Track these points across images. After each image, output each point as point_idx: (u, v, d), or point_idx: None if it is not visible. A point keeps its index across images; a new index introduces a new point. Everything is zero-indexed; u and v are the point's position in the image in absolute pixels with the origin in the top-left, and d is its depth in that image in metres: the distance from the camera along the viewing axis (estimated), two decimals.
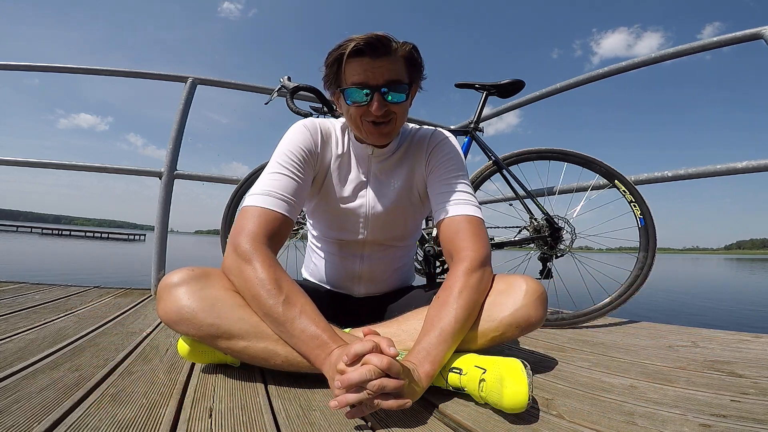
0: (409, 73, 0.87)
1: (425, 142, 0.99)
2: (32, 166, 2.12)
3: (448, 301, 0.75)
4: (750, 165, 1.41)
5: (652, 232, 1.43)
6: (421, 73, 0.90)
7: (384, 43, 0.80)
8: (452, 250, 0.85)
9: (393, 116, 0.87)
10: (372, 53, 0.80)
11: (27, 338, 1.01)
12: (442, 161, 0.96)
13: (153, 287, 1.95)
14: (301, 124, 0.96)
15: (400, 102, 0.85)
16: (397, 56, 0.83)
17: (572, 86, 2.05)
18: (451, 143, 1.00)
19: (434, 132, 1.01)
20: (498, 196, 1.89)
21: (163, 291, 0.75)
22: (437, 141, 0.99)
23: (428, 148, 0.98)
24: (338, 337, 0.70)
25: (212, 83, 2.24)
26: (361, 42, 0.78)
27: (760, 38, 1.47)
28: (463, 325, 0.74)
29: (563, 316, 1.48)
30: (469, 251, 0.82)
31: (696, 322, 5.62)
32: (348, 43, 0.80)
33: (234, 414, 0.63)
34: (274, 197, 0.83)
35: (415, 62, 0.87)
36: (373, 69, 0.81)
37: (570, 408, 0.69)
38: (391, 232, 1.01)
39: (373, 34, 0.79)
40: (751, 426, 0.62)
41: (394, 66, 0.83)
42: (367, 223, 0.98)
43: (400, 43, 0.82)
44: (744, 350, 1.12)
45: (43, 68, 2.27)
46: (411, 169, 0.99)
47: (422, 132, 1.02)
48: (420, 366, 0.67)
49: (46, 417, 0.57)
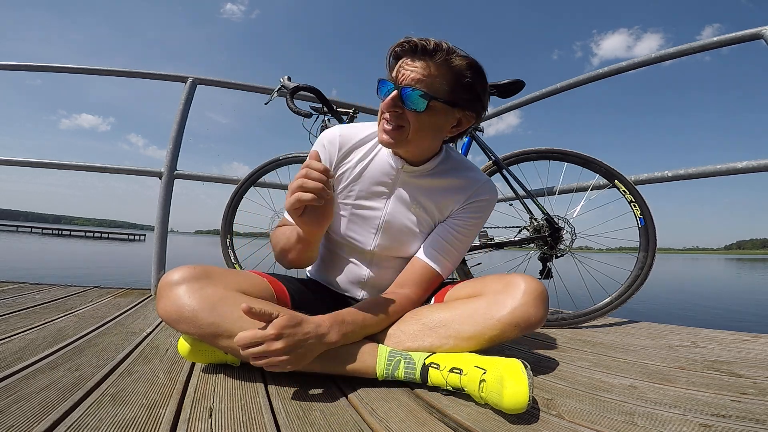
0: (452, 88, 0.81)
1: (473, 188, 0.96)
2: (32, 166, 2.12)
3: (386, 304, 0.87)
4: (750, 165, 1.41)
5: (652, 232, 1.43)
6: (475, 97, 0.84)
7: (426, 45, 0.78)
8: (406, 281, 0.94)
9: (405, 124, 0.83)
10: (412, 53, 0.81)
11: (27, 338, 1.01)
12: (470, 213, 0.96)
13: (153, 287, 1.94)
14: (322, 138, 0.99)
15: (414, 110, 0.81)
16: (437, 63, 0.79)
17: (572, 86, 2.05)
18: (493, 204, 1.00)
19: (487, 183, 0.98)
20: (498, 196, 1.90)
21: (164, 289, 0.75)
22: (485, 195, 0.97)
23: (474, 196, 0.96)
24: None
25: (212, 83, 2.23)
26: (403, 41, 0.80)
27: (760, 38, 1.47)
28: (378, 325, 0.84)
29: (563, 316, 1.48)
30: (416, 293, 0.93)
31: (695, 322, 5.62)
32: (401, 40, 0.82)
33: (234, 414, 0.63)
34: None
35: (462, 80, 0.81)
36: (405, 68, 0.81)
37: (570, 408, 0.69)
38: (401, 247, 0.99)
39: (421, 38, 0.80)
40: (751, 426, 0.62)
41: (426, 71, 0.79)
42: (379, 232, 0.97)
43: (450, 52, 0.79)
44: (744, 350, 1.12)
45: (45, 68, 2.27)
46: (441, 199, 0.96)
47: (475, 174, 0.98)
48: (331, 330, 0.75)
49: (46, 417, 0.57)
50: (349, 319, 0.79)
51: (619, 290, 1.45)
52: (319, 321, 0.75)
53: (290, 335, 0.69)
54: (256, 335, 0.68)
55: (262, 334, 0.68)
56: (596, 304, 1.46)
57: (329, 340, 0.74)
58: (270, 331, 0.68)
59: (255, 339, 0.68)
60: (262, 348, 0.68)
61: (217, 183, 2.14)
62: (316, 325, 0.73)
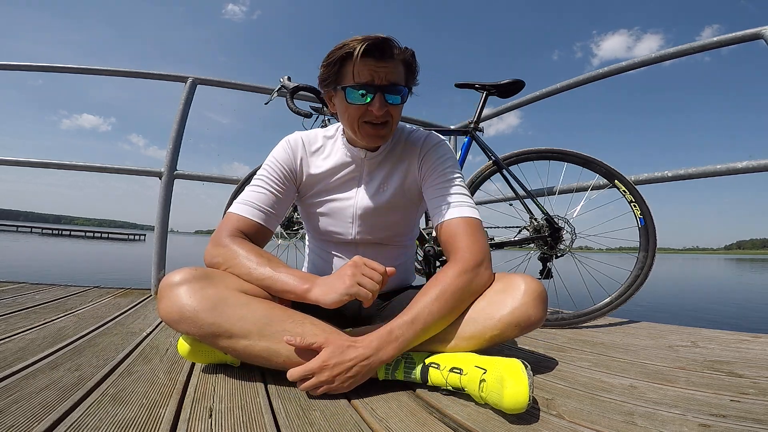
0: (407, 77, 0.89)
1: (419, 145, 0.99)
2: (32, 166, 2.12)
3: (427, 292, 0.78)
4: (750, 165, 1.41)
5: (652, 232, 1.43)
6: (416, 79, 0.92)
7: (390, 45, 0.82)
8: (450, 251, 0.87)
9: (389, 118, 0.88)
10: (378, 55, 0.82)
11: (27, 338, 1.01)
12: (436, 164, 0.96)
13: (153, 287, 1.94)
14: (284, 141, 1.00)
15: (397, 104, 0.87)
16: (398, 60, 0.85)
17: (573, 86, 2.05)
18: (445, 146, 1.00)
19: (428, 135, 1.01)
20: (498, 196, 1.89)
21: (165, 290, 0.75)
22: (431, 144, 0.99)
23: (422, 151, 0.98)
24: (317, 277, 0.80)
25: (212, 83, 2.24)
26: (368, 42, 0.80)
27: (760, 38, 1.47)
28: (439, 319, 0.77)
29: (563, 316, 1.48)
30: (464, 252, 0.84)
31: (696, 322, 5.62)
32: (352, 43, 0.80)
33: (234, 414, 0.63)
34: (252, 207, 0.91)
35: (412, 68, 0.89)
36: (377, 70, 0.83)
37: (570, 408, 0.69)
38: (382, 231, 1.02)
39: (378, 36, 0.80)
40: (751, 426, 0.62)
41: (396, 69, 0.85)
42: (356, 221, 0.99)
43: (402, 48, 0.84)
44: (744, 350, 1.12)
45: (45, 68, 2.28)
46: (403, 170, 0.99)
47: (416, 134, 1.02)
48: (382, 349, 0.73)
49: (46, 417, 0.57)
50: (400, 333, 0.74)
51: (619, 290, 1.45)
52: (368, 342, 0.73)
53: (336, 364, 0.70)
54: (306, 370, 0.70)
55: (309, 368, 0.70)
56: (596, 304, 1.46)
57: (383, 358, 0.73)
58: (315, 365, 0.70)
59: (305, 373, 0.70)
60: (313, 381, 0.70)
61: (217, 183, 2.14)
62: (363, 347, 0.72)
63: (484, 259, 0.84)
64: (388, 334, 0.74)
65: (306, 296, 0.77)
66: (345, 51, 0.82)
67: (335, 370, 0.70)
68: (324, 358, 0.70)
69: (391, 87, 0.84)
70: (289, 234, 1.90)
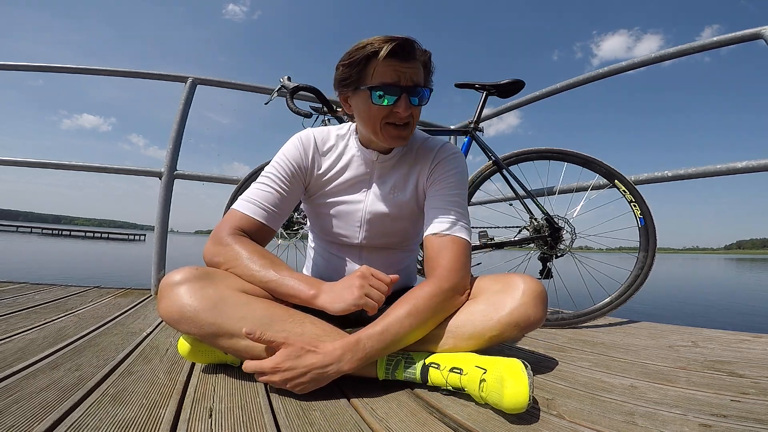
0: (425, 79, 0.89)
1: (433, 153, 0.97)
2: (32, 166, 2.12)
3: (400, 306, 0.77)
4: (750, 165, 1.41)
5: (652, 232, 1.43)
6: (431, 81, 0.92)
7: (414, 47, 0.82)
8: (431, 267, 0.85)
9: (411, 120, 0.88)
10: (403, 55, 0.82)
11: (27, 338, 1.01)
12: (445, 175, 0.95)
13: (153, 287, 1.94)
14: (296, 137, 0.98)
15: (419, 106, 0.88)
16: (420, 61, 0.85)
17: (573, 86, 2.05)
18: (459, 159, 0.98)
19: (445, 144, 1.00)
20: (498, 196, 1.89)
21: (165, 290, 0.75)
22: (446, 154, 0.97)
23: (435, 159, 0.96)
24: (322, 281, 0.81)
25: (212, 83, 2.24)
26: (395, 43, 0.80)
27: (759, 38, 1.47)
28: (409, 333, 0.76)
29: (563, 316, 1.48)
30: (443, 272, 0.82)
31: (696, 321, 5.61)
32: (376, 43, 0.80)
33: (234, 414, 0.63)
34: (256, 206, 0.89)
35: (429, 69, 0.90)
36: (403, 71, 0.83)
37: (570, 408, 0.69)
38: (389, 236, 1.00)
39: (403, 37, 0.80)
40: (752, 426, 0.62)
41: (419, 70, 0.85)
42: (364, 225, 0.98)
43: (423, 50, 0.86)
44: (744, 350, 1.12)
45: (45, 68, 2.27)
46: (414, 176, 0.98)
47: (432, 141, 1.00)
48: (344, 360, 0.71)
49: (46, 417, 0.57)
50: (368, 344, 0.73)
51: (619, 290, 1.45)
52: (330, 350, 0.71)
53: (289, 369, 0.69)
54: (258, 367, 0.70)
55: (261, 367, 0.70)
56: (596, 304, 1.46)
57: (343, 369, 0.71)
58: (267, 364, 0.70)
59: (257, 370, 0.71)
60: (264, 380, 0.71)
61: (217, 183, 2.14)
62: (324, 355, 0.70)
63: (462, 285, 0.84)
64: (354, 344, 0.72)
65: (312, 302, 0.76)
66: (369, 51, 0.81)
67: (287, 375, 0.68)
68: (277, 361, 0.69)
69: (415, 88, 0.84)
70: (289, 234, 1.90)
